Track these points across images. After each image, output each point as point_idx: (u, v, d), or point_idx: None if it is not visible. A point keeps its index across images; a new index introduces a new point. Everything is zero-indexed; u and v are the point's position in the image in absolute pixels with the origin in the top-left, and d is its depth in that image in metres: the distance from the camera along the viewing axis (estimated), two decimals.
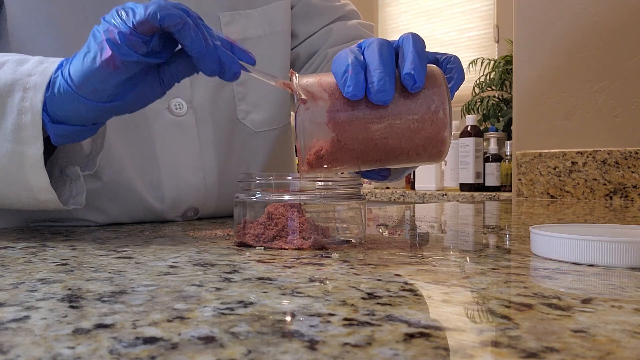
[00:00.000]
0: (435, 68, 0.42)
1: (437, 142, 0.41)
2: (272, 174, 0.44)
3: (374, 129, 0.40)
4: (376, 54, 0.40)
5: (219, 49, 0.41)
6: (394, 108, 0.40)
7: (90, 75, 0.42)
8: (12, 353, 0.18)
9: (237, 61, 0.42)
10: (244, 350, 0.18)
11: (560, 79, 1.38)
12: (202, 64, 0.41)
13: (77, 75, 0.43)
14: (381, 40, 0.41)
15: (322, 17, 0.80)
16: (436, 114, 0.40)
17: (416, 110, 0.40)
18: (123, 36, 0.40)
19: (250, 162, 0.74)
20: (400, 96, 0.40)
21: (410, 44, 0.41)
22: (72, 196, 0.52)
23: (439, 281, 0.30)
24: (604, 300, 0.26)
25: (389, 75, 0.39)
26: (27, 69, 0.46)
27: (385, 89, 0.39)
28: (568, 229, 0.42)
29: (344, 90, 0.39)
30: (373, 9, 3.21)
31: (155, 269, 0.34)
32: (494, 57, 2.63)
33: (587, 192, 1.32)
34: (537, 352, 0.18)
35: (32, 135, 0.45)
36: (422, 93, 0.40)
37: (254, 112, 0.73)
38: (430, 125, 0.40)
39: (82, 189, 0.52)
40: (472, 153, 1.92)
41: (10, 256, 0.39)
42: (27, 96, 0.45)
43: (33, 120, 0.45)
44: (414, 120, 0.40)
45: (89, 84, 0.43)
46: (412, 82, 0.39)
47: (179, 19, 0.40)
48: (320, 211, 0.43)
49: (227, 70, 0.42)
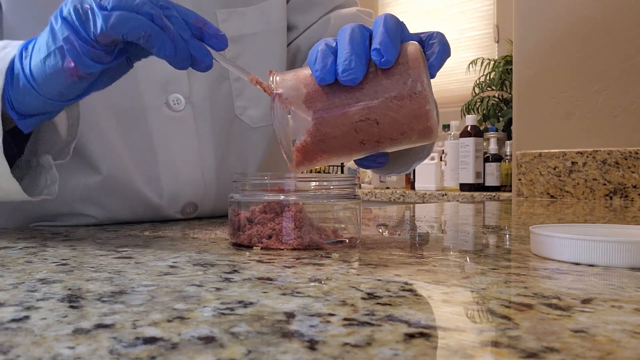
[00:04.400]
0: (411, 43, 0.41)
1: (421, 118, 0.40)
2: (267, 174, 0.44)
3: (353, 112, 0.39)
4: (346, 37, 0.39)
5: (189, 44, 0.40)
6: (369, 88, 0.39)
7: (54, 82, 0.42)
8: (12, 353, 0.18)
9: (208, 53, 0.41)
10: (244, 350, 0.18)
11: (560, 79, 1.38)
12: (174, 63, 0.41)
13: (40, 79, 0.42)
14: (354, 25, 0.41)
15: (319, 6, 0.80)
16: (413, 89, 0.39)
17: (392, 87, 0.39)
18: (85, 48, 0.39)
19: (248, 158, 0.74)
20: (375, 76, 0.39)
21: (382, 21, 0.40)
22: (46, 186, 0.51)
23: (439, 281, 0.30)
24: (604, 300, 0.26)
25: (356, 54, 0.38)
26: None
27: (352, 67, 0.38)
28: (568, 229, 0.42)
29: (314, 76, 0.39)
30: (373, 9, 3.21)
31: (155, 269, 0.34)
32: (494, 57, 2.63)
33: (587, 192, 1.32)
34: (537, 352, 0.18)
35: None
36: (397, 69, 0.39)
37: (251, 107, 0.73)
38: (410, 101, 0.39)
39: (55, 178, 0.51)
40: (472, 153, 1.92)
41: (10, 256, 0.39)
42: None
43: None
44: (392, 98, 0.39)
45: (53, 90, 0.42)
46: (380, 56, 0.38)
47: (142, 32, 0.39)
48: (316, 211, 0.43)
49: (199, 64, 0.41)
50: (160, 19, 0.40)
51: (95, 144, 0.62)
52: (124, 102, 0.64)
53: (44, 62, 0.41)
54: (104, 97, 0.63)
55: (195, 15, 0.41)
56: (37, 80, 0.42)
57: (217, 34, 0.42)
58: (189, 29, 0.41)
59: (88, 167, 0.62)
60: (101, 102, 0.62)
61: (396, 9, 3.17)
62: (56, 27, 0.40)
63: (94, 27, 0.39)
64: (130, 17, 0.39)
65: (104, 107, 0.62)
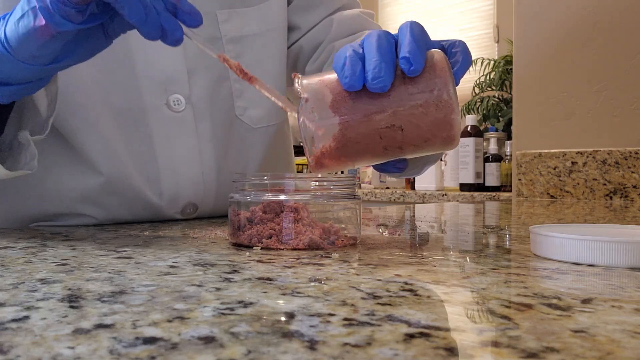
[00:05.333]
0: (437, 52, 0.41)
1: (446, 126, 0.40)
2: (267, 174, 0.44)
3: (378, 119, 0.40)
4: (373, 44, 0.39)
5: (161, 15, 0.40)
6: (395, 96, 0.40)
7: (26, 42, 0.41)
8: (12, 353, 0.18)
9: (179, 27, 0.41)
10: (244, 350, 0.18)
11: (560, 79, 1.38)
12: (143, 30, 0.40)
13: (13, 40, 0.42)
14: (380, 32, 0.41)
15: (322, 7, 0.80)
16: (440, 97, 0.40)
17: (419, 95, 0.40)
18: (56, 5, 0.39)
19: (248, 158, 0.74)
20: (401, 83, 0.40)
21: (407, 30, 0.40)
22: (26, 162, 0.51)
23: (439, 281, 0.30)
24: (604, 300, 0.26)
25: (385, 62, 0.38)
26: None
27: (381, 75, 0.38)
28: (568, 229, 0.42)
29: (342, 82, 0.39)
30: (373, 9, 3.21)
31: (155, 269, 0.34)
32: (494, 57, 2.63)
33: (587, 192, 1.32)
34: (537, 352, 0.18)
35: None
36: (424, 78, 0.40)
37: (251, 108, 0.73)
38: (436, 110, 0.40)
39: (34, 154, 0.51)
40: (472, 153, 1.92)
41: (10, 256, 0.39)
42: None
43: None
44: (418, 105, 0.40)
45: (25, 51, 0.42)
46: (409, 65, 0.39)
47: None
48: (316, 211, 0.43)
49: (168, 36, 0.41)
50: None
51: (95, 145, 0.62)
52: (124, 103, 0.64)
53: (17, 24, 0.41)
54: (104, 97, 0.63)
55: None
56: (10, 42, 0.42)
57: (192, 10, 0.41)
58: (162, 2, 0.41)
59: (88, 167, 0.63)
60: (101, 102, 0.62)
61: (396, 9, 3.17)
62: None
63: None
64: None
65: (104, 108, 0.62)
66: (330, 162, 0.41)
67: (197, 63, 0.67)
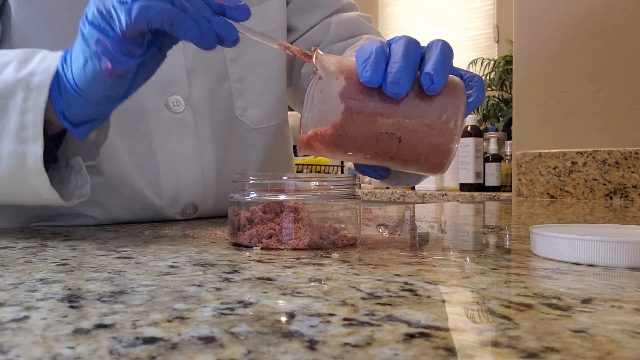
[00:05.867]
0: (459, 80, 0.41)
1: (441, 152, 0.40)
2: (267, 174, 0.44)
3: (381, 122, 0.40)
4: (401, 48, 0.39)
5: (213, 22, 0.40)
6: (406, 107, 0.39)
7: (96, 86, 0.43)
8: (12, 353, 0.18)
9: (233, 28, 0.41)
10: (244, 350, 0.18)
11: (560, 79, 1.38)
12: (201, 44, 0.41)
13: (83, 86, 0.43)
14: (410, 39, 0.41)
15: (320, 9, 0.81)
16: (447, 124, 0.39)
17: (428, 114, 0.39)
18: (116, 45, 0.40)
19: (248, 159, 0.74)
20: (415, 97, 0.40)
21: (439, 48, 0.40)
22: (77, 187, 0.51)
23: (439, 281, 0.30)
24: (604, 300, 0.26)
25: (407, 70, 0.38)
26: (30, 69, 0.46)
27: (401, 82, 0.38)
28: (568, 229, 0.42)
29: (361, 75, 0.39)
30: (373, 9, 3.21)
31: (155, 269, 0.34)
32: (494, 57, 2.63)
33: (587, 192, 1.32)
34: (537, 352, 0.18)
35: (33, 135, 0.45)
36: (438, 100, 0.40)
37: (251, 108, 0.73)
38: (438, 134, 0.40)
39: (86, 180, 0.51)
40: (472, 153, 1.92)
41: (10, 256, 0.39)
42: (30, 96, 0.45)
43: (35, 119, 0.45)
44: (424, 124, 0.39)
45: (98, 93, 0.43)
46: (430, 82, 0.39)
47: (166, 17, 0.39)
48: (316, 211, 0.43)
49: (225, 40, 0.41)
50: (180, 2, 0.40)
51: None
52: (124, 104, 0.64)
53: (84, 69, 0.42)
54: None
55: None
56: (81, 87, 0.43)
57: (237, 4, 0.41)
58: (209, 7, 0.41)
59: (88, 167, 0.63)
60: None
61: (396, 9, 3.17)
62: (85, 32, 0.41)
63: (119, 23, 0.40)
64: (150, 6, 0.39)
65: None
66: (320, 146, 0.41)
67: (196, 64, 0.67)
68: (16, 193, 0.49)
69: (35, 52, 0.48)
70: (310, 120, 0.40)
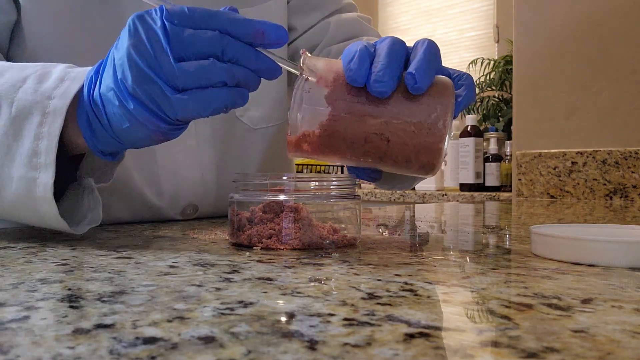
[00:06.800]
0: (447, 80, 0.41)
1: (430, 153, 0.40)
2: (267, 174, 0.44)
3: (370, 123, 0.39)
4: (386, 48, 0.39)
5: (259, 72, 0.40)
6: (394, 107, 0.39)
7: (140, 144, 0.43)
8: (12, 353, 0.18)
9: (278, 68, 0.41)
10: (244, 350, 0.18)
11: (560, 79, 1.38)
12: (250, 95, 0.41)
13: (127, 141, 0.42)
14: (396, 39, 0.41)
15: (319, 10, 0.80)
16: (435, 124, 0.39)
17: (416, 114, 0.39)
18: (169, 128, 0.40)
19: (249, 159, 0.74)
20: (403, 97, 0.39)
21: (424, 47, 0.40)
22: (90, 209, 0.49)
23: (439, 281, 0.30)
24: (604, 300, 0.26)
25: (390, 68, 0.38)
26: (47, 89, 0.44)
27: (384, 80, 0.38)
28: (568, 229, 0.42)
29: (346, 74, 0.39)
30: (373, 9, 3.21)
31: (155, 269, 0.34)
32: (494, 57, 2.63)
33: (587, 192, 1.32)
34: (537, 352, 0.18)
35: (45, 163, 0.43)
36: (426, 99, 0.39)
37: (251, 109, 0.73)
38: (427, 134, 0.39)
39: (98, 202, 0.49)
40: (472, 153, 1.92)
41: (10, 256, 0.39)
42: (45, 121, 0.43)
43: (48, 146, 0.43)
44: (412, 124, 0.39)
45: (137, 146, 0.44)
46: (414, 81, 0.38)
47: (223, 107, 0.39)
48: (316, 211, 0.43)
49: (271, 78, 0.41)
50: (232, 77, 0.39)
51: None
52: None
53: (130, 131, 0.41)
54: None
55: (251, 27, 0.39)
56: (122, 140, 0.43)
57: (278, 32, 0.40)
58: (252, 55, 0.40)
59: None
60: None
61: (396, 9, 3.17)
62: (129, 106, 0.39)
63: (172, 113, 0.39)
64: (206, 98, 0.38)
65: None
66: (309, 148, 0.41)
67: None
68: (23, 217, 0.48)
69: (53, 67, 0.46)
70: (298, 121, 0.40)
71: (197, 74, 0.38)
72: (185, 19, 0.38)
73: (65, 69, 0.46)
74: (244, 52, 0.39)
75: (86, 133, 0.43)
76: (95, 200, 0.49)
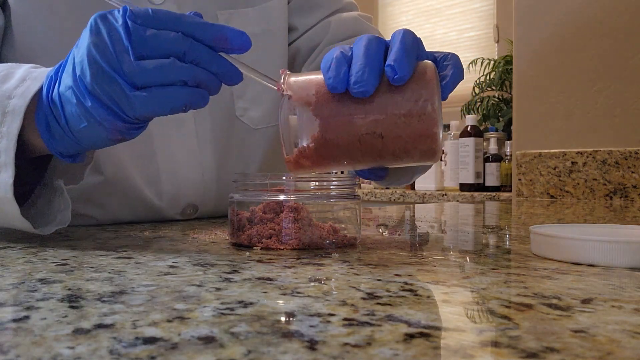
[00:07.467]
0: (428, 63, 0.40)
1: (427, 139, 0.39)
2: (267, 174, 0.44)
3: (359, 124, 0.39)
4: (361, 48, 0.39)
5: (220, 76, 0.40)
6: (380, 102, 0.39)
7: (98, 144, 0.42)
8: (12, 353, 0.18)
9: (239, 73, 0.41)
10: (244, 350, 0.18)
11: (560, 79, 1.38)
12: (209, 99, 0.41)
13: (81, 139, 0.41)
14: (371, 36, 0.40)
15: (320, 9, 0.80)
16: (424, 109, 0.39)
17: (403, 104, 0.39)
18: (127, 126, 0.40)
19: (249, 159, 0.74)
20: (387, 91, 0.39)
21: (399, 38, 0.40)
22: (59, 210, 0.49)
23: (439, 281, 0.30)
24: (604, 300, 0.26)
25: (369, 67, 0.38)
26: (8, 89, 0.43)
27: (364, 79, 0.38)
28: (568, 229, 0.42)
29: (326, 83, 0.39)
30: (373, 9, 3.21)
31: (155, 269, 0.34)
32: (494, 57, 2.63)
33: (587, 192, 1.32)
34: (537, 352, 0.18)
35: (4, 162, 0.43)
36: (410, 87, 0.39)
37: (252, 109, 0.73)
38: (418, 121, 0.39)
39: (68, 204, 0.49)
40: (472, 153, 1.91)
41: (10, 256, 0.39)
42: (4, 121, 0.42)
43: (7, 146, 0.42)
44: (401, 115, 0.39)
45: (96, 147, 0.43)
46: (394, 73, 0.38)
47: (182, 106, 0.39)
48: (316, 211, 0.43)
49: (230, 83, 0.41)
50: (193, 77, 0.39)
51: None
52: None
53: (87, 130, 0.40)
54: None
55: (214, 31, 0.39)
56: (80, 141, 0.42)
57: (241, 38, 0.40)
58: (214, 59, 0.39)
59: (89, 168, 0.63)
60: None
61: (396, 9, 3.17)
62: (86, 104, 0.39)
63: (130, 111, 0.38)
64: (166, 97, 0.38)
65: None
66: (308, 162, 0.41)
67: None
68: None
69: (18, 68, 0.45)
70: (290, 140, 0.40)
71: (157, 71, 0.37)
72: (148, 20, 0.38)
73: (29, 69, 0.45)
74: (206, 54, 0.39)
75: (44, 134, 0.42)
76: (65, 202, 0.49)
